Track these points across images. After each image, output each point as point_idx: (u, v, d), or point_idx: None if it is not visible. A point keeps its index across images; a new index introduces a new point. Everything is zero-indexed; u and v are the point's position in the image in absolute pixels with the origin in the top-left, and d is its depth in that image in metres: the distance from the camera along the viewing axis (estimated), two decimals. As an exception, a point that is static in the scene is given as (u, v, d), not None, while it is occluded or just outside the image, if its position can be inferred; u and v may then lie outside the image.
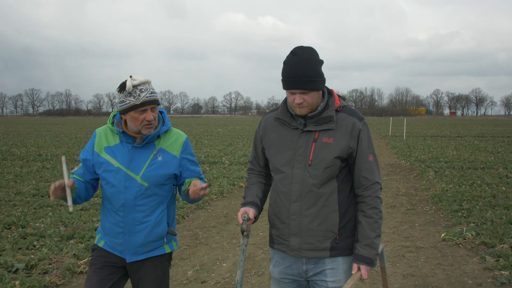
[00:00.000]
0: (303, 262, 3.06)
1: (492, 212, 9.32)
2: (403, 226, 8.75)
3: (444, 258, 6.83)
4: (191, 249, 7.36)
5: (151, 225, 3.30)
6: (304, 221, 2.97)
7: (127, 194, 3.24)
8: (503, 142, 30.36)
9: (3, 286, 5.51)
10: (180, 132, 3.48)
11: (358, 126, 2.99)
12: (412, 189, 12.78)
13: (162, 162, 3.31)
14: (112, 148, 3.31)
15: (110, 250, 3.37)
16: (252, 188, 3.25)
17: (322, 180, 2.95)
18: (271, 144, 3.13)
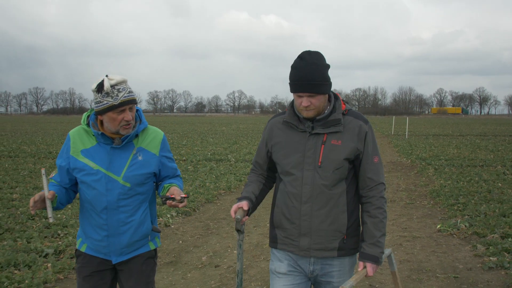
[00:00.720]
0: (310, 262, 3.15)
1: (486, 206, 9.87)
2: (402, 219, 9.30)
3: (439, 247, 7.38)
4: (204, 238, 7.92)
5: (135, 224, 3.30)
6: (315, 221, 3.06)
7: (109, 196, 3.21)
8: (504, 141, 30.83)
9: (36, 269, 6.08)
10: (157, 130, 3.47)
11: (365, 128, 3.11)
12: (412, 185, 13.32)
13: (142, 162, 3.30)
14: (89, 150, 3.25)
15: (94, 254, 3.34)
16: (250, 185, 3.33)
17: (333, 182, 3.05)
18: (279, 147, 3.20)
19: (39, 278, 5.71)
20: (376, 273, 5.34)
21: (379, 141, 31.19)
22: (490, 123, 74.33)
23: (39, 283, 5.58)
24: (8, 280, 5.64)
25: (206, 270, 6.40)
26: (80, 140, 3.27)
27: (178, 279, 6.07)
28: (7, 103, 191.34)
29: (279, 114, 3.33)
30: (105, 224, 3.23)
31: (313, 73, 2.96)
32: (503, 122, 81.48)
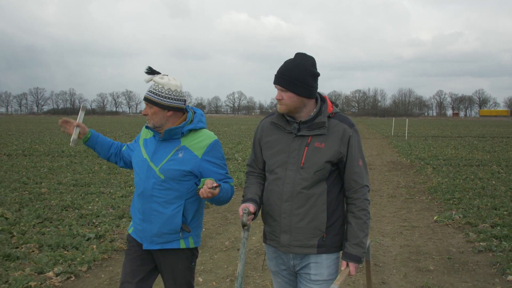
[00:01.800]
0: (290, 257, 3.30)
1: (479, 200, 10.77)
2: (402, 212, 10.18)
3: (435, 234, 8.26)
4: (224, 227, 8.81)
5: (165, 217, 3.48)
6: (294, 219, 3.17)
7: (146, 184, 3.50)
8: (501, 143, 31.72)
9: (83, 250, 6.96)
10: (210, 135, 3.61)
11: (349, 132, 3.19)
12: (411, 183, 14.20)
13: (181, 159, 3.48)
14: (147, 140, 3.65)
15: (135, 237, 3.64)
16: (251, 187, 3.39)
17: (312, 182, 3.15)
18: (268, 146, 3.33)
19: (88, 257, 6.58)
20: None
21: (379, 142, 32.11)
22: (488, 125, 75.19)
23: (89, 260, 6.46)
24: (61, 258, 6.52)
25: (230, 253, 7.27)
26: (145, 132, 3.71)
27: (207, 259, 6.94)
28: (7, 103, 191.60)
29: (270, 114, 3.44)
30: (141, 208, 3.52)
31: (292, 71, 3.12)
32: (501, 124, 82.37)
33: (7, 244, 7.16)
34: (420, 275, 6.22)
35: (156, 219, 3.48)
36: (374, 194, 12.20)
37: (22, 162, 18.40)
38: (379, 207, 10.62)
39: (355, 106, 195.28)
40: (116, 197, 10.92)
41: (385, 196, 11.99)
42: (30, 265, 6.30)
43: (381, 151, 25.15)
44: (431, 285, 5.84)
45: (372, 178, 15.00)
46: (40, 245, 7.13)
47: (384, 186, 13.57)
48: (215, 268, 6.55)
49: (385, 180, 14.83)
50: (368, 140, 35.02)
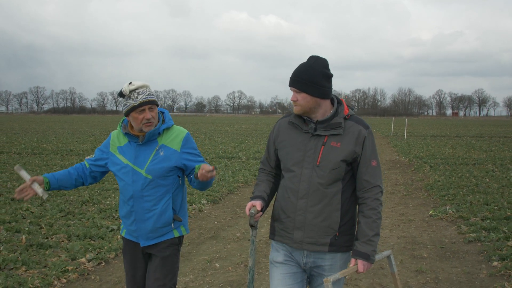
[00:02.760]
0: (304, 254, 3.35)
1: (472, 197, 11.46)
2: (399, 207, 10.87)
3: (429, 227, 8.95)
4: (234, 220, 9.50)
5: (158, 213, 3.72)
6: (309, 216, 3.26)
7: (134, 187, 3.69)
8: (498, 142, 32.42)
9: (108, 239, 7.65)
10: (181, 129, 3.86)
11: (364, 133, 3.30)
12: (409, 180, 14.89)
13: (163, 157, 3.71)
14: (122, 147, 3.79)
15: (130, 238, 3.86)
16: (261, 185, 3.53)
17: (328, 181, 3.24)
18: (284, 145, 3.41)
19: (114, 245, 7.27)
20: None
21: (378, 141, 32.76)
22: (487, 125, 75.90)
23: (116, 248, 7.15)
24: (90, 246, 7.21)
25: (242, 242, 7.95)
26: (117, 139, 3.84)
27: (221, 248, 7.62)
28: (7, 102, 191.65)
29: (287, 115, 3.54)
30: (132, 211, 3.74)
31: (305, 73, 3.25)
32: (500, 124, 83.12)
33: (38, 234, 7.84)
34: (414, 262, 6.91)
35: (149, 216, 3.70)
36: (373, 191, 12.83)
37: (34, 160, 19.03)
38: (378, 203, 11.26)
39: (355, 106, 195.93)
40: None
41: (384, 193, 12.59)
42: (63, 252, 6.98)
43: (380, 150, 25.78)
44: (424, 270, 6.53)
45: (371, 176, 15.62)
46: (68, 236, 7.81)
47: (383, 184, 14.18)
48: (229, 256, 7.23)
49: (384, 178, 15.46)
50: (368, 140, 35.57)
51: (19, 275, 6.01)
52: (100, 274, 6.39)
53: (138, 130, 3.70)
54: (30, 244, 7.32)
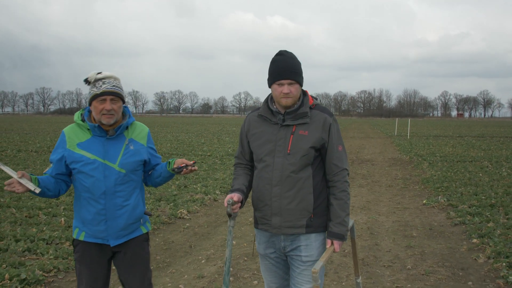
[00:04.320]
0: (281, 239, 3.52)
1: (464, 188, 12.48)
2: (397, 197, 11.88)
3: (422, 214, 9.97)
4: (246, 208, 10.50)
5: (130, 208, 3.64)
6: (284, 202, 3.41)
7: (107, 182, 3.54)
8: (497, 142, 33.34)
9: (137, 221, 8.69)
10: (143, 125, 3.85)
11: (329, 121, 3.47)
12: (408, 175, 15.89)
13: (134, 151, 3.67)
14: (84, 143, 3.58)
15: (93, 240, 3.64)
16: (239, 178, 3.65)
17: (299, 167, 3.40)
18: (255, 137, 3.55)
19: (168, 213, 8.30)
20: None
21: (382, 141, 33.76)
22: (491, 126, 76.63)
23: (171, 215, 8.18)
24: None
25: (254, 225, 8.98)
26: (75, 135, 3.61)
27: (236, 230, 8.65)
28: (13, 103, 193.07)
29: (256, 109, 3.68)
30: (103, 208, 3.56)
31: (293, 64, 3.41)
32: (504, 125, 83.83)
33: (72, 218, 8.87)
34: (405, 240, 7.94)
35: (122, 212, 3.60)
36: (374, 184, 13.91)
37: (53, 157, 20.04)
38: (378, 194, 12.32)
39: (361, 107, 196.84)
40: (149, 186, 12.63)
41: (383, 186, 13.66)
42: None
43: (383, 149, 26.87)
44: (413, 245, 7.55)
45: (373, 172, 16.73)
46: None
47: (383, 178, 15.25)
48: (243, 235, 8.26)
49: (384, 173, 16.50)
50: (372, 140, 36.72)
51: (66, 247, 7.07)
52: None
53: (97, 121, 3.58)
54: (68, 225, 8.38)
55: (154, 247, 7.45)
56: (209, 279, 6.09)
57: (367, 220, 9.37)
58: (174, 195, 11.32)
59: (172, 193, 11.52)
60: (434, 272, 6.33)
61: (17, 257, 6.68)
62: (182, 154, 22.06)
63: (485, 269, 6.42)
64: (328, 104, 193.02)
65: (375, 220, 9.32)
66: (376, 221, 9.29)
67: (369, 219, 9.45)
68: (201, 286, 5.88)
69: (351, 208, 10.43)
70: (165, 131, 47.54)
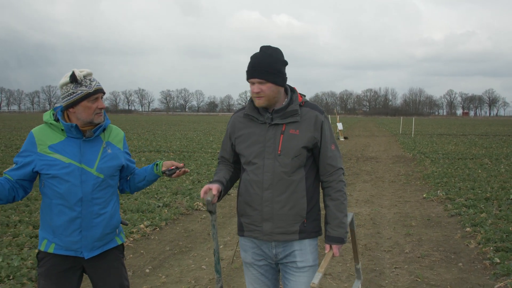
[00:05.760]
0: (272, 246, 3.29)
1: (462, 184, 13.20)
2: (398, 192, 12.61)
3: (421, 206, 10.70)
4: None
5: (108, 216, 3.37)
6: (276, 207, 3.19)
7: (84, 188, 3.25)
8: (500, 140, 33.96)
9: (158, 213, 9.45)
10: (118, 128, 3.62)
11: (321, 118, 3.26)
12: (410, 172, 16.61)
13: (112, 154, 3.41)
14: (57, 145, 3.26)
15: (63, 253, 3.31)
16: (220, 172, 3.45)
17: (292, 169, 3.19)
18: (242, 139, 3.32)
19: (164, 216, 9.07)
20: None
21: (386, 140, 34.46)
22: (495, 124, 77.05)
23: (166, 218, 8.97)
24: (145, 217, 9.01)
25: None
26: (46, 136, 3.27)
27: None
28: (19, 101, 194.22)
29: (241, 109, 3.45)
30: (78, 217, 3.26)
31: (265, 62, 3.16)
32: (508, 123, 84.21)
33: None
34: (404, 228, 8.67)
35: (99, 221, 3.34)
36: (377, 180, 14.63)
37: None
38: (381, 189, 13.04)
39: (366, 105, 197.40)
40: (165, 180, 13.39)
41: (386, 182, 14.38)
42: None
43: (388, 147, 27.59)
44: (411, 233, 8.29)
45: (377, 168, 17.45)
46: (123, 210, 9.62)
47: (387, 174, 15.97)
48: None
49: (388, 169, 17.22)
50: (377, 138, 37.43)
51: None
52: (157, 235, 8.19)
53: (86, 122, 3.31)
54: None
55: (176, 234, 8.22)
56: (227, 261, 6.84)
57: (370, 212, 10.08)
58: (189, 189, 12.08)
59: (187, 187, 12.30)
60: (429, 255, 7.07)
61: None
62: (192, 151, 22.83)
63: (475, 253, 7.16)
64: (334, 102, 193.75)
65: (377, 212, 10.04)
66: (378, 212, 10.01)
67: (372, 211, 10.17)
68: (221, 266, 6.62)
69: (356, 201, 11.19)
70: (173, 129, 48.31)
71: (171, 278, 6.20)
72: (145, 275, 6.27)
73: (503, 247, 7.08)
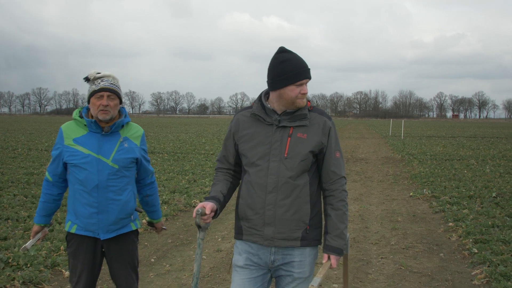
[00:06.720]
0: (271, 252, 3.18)
1: (447, 183, 13.79)
2: (386, 191, 13.17)
3: (408, 204, 11.26)
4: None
5: (122, 203, 3.72)
6: (279, 211, 3.09)
7: (100, 176, 3.64)
8: (487, 142, 34.72)
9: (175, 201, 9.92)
10: (139, 126, 3.96)
11: (329, 124, 3.19)
12: (398, 172, 17.19)
13: (128, 148, 3.76)
14: (80, 138, 3.69)
15: (84, 233, 3.73)
16: (218, 185, 3.33)
17: (297, 173, 3.10)
18: (246, 139, 3.21)
19: (164, 212, 9.55)
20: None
21: (376, 142, 35.06)
22: (484, 127, 78.05)
23: (166, 214, 9.45)
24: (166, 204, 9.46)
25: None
26: (71, 131, 3.73)
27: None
28: (10, 103, 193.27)
29: (246, 108, 3.35)
30: (95, 201, 3.66)
31: (304, 62, 3.12)
32: (497, 126, 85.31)
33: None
34: (391, 223, 9.22)
35: (113, 207, 3.70)
36: (366, 180, 15.19)
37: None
38: (370, 188, 13.60)
39: (357, 108, 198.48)
40: (162, 180, 13.87)
41: (375, 181, 14.94)
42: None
43: (377, 149, 28.22)
44: (397, 228, 8.83)
45: (366, 169, 18.02)
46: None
47: (376, 174, 16.54)
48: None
49: (377, 170, 17.78)
50: (367, 140, 38.07)
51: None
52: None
53: (95, 117, 3.70)
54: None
55: (176, 229, 8.71)
56: (226, 252, 7.34)
57: (359, 209, 10.61)
58: (186, 188, 12.57)
59: (184, 186, 12.79)
60: (413, 247, 7.62)
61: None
62: (185, 152, 23.29)
63: (455, 245, 7.72)
64: (324, 105, 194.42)
65: (366, 209, 10.58)
66: (367, 209, 10.55)
67: (361, 208, 10.70)
68: (220, 257, 7.12)
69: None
70: (165, 131, 48.67)
71: (175, 266, 6.69)
72: (150, 264, 6.76)
73: (482, 239, 7.65)
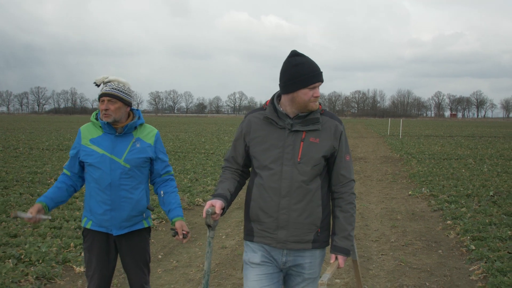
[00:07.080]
0: (283, 253, 3.24)
1: (446, 182, 14.01)
2: (386, 189, 13.38)
3: (407, 202, 11.47)
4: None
5: (134, 202, 3.88)
6: (293, 215, 3.14)
7: (113, 175, 3.81)
8: (485, 141, 34.93)
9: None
10: (153, 127, 4.12)
11: (340, 128, 3.23)
12: (397, 171, 17.40)
13: (140, 148, 3.91)
14: (96, 139, 3.88)
15: (98, 229, 3.91)
16: (225, 182, 3.33)
17: (310, 177, 3.14)
18: (257, 141, 3.22)
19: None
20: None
21: (375, 141, 35.26)
22: (482, 126, 78.10)
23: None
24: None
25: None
26: (88, 132, 3.93)
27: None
28: (8, 102, 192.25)
29: (257, 109, 3.34)
30: (109, 199, 3.83)
31: (317, 65, 3.15)
32: (495, 125, 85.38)
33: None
34: (391, 221, 9.43)
35: (126, 204, 3.86)
36: (366, 179, 15.40)
37: (65, 154, 21.32)
38: (369, 187, 13.82)
39: (355, 107, 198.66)
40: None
41: (374, 180, 15.15)
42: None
43: (376, 148, 28.43)
44: (397, 226, 9.05)
45: (365, 168, 18.23)
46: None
47: (375, 173, 16.75)
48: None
49: (376, 169, 18.00)
50: (365, 139, 38.24)
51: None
52: (164, 227, 8.90)
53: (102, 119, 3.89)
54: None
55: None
56: (230, 249, 7.54)
57: (359, 207, 10.80)
58: (188, 187, 12.79)
59: (187, 185, 13.02)
60: (412, 244, 7.84)
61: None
62: (186, 152, 23.52)
63: (453, 242, 7.94)
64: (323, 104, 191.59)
65: (366, 207, 10.79)
66: (367, 208, 10.76)
67: (361, 206, 10.90)
68: (225, 253, 7.33)
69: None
70: (164, 130, 48.76)
71: (182, 263, 6.90)
72: (158, 260, 6.96)
73: (479, 236, 7.87)
